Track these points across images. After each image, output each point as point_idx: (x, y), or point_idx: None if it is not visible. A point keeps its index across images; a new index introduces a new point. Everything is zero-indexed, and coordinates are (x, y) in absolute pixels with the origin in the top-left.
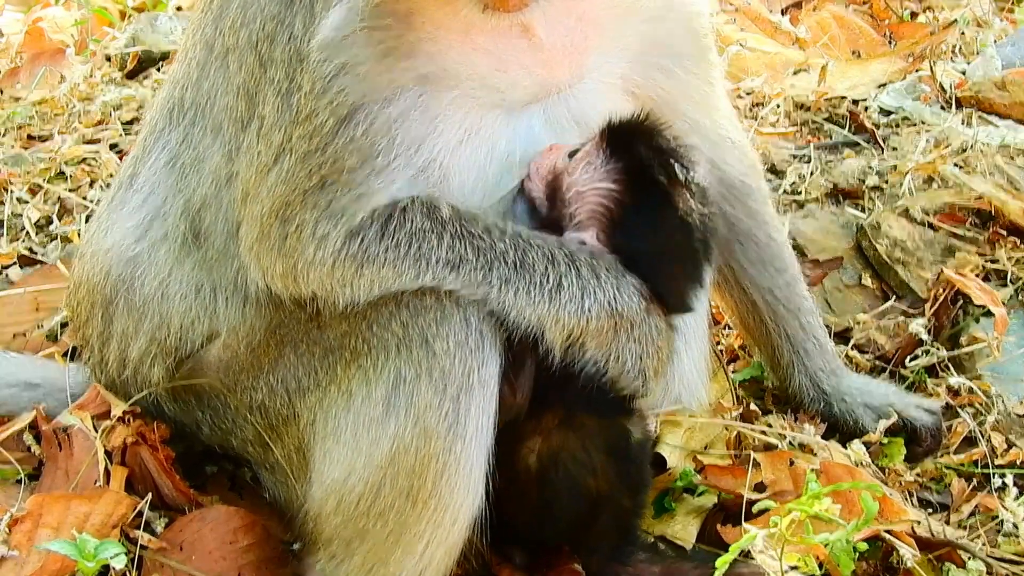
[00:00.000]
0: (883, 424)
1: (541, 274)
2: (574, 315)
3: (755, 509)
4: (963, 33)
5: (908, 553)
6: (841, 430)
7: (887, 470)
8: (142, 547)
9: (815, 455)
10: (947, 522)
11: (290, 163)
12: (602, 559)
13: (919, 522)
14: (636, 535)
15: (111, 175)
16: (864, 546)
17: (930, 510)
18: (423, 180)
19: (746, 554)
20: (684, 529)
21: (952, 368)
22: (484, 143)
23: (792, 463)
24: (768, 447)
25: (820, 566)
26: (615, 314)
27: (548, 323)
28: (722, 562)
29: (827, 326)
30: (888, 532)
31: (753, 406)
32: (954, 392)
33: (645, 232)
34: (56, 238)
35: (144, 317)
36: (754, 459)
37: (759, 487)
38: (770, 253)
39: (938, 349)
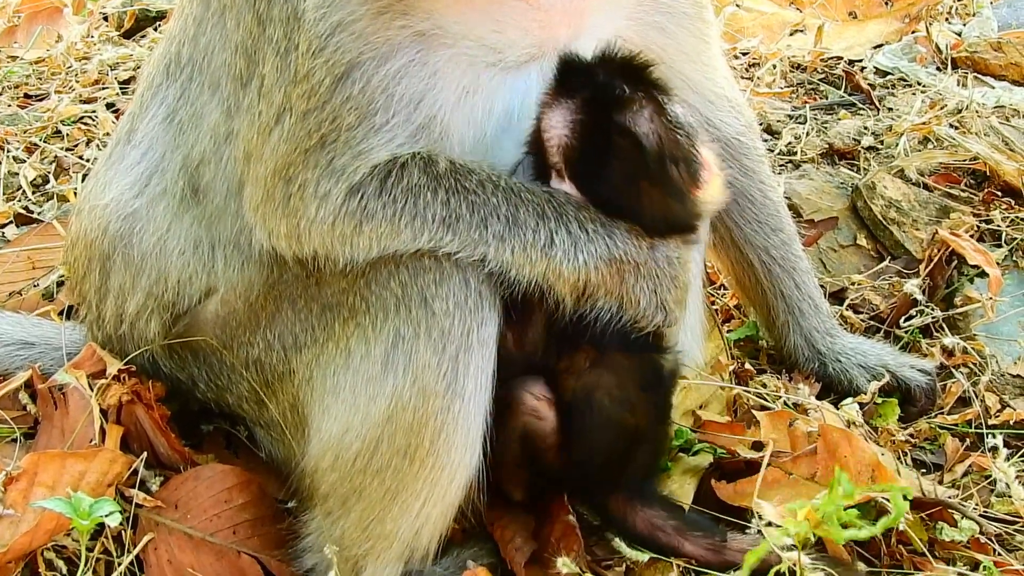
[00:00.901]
0: (875, 385)
1: (533, 231)
2: (572, 270)
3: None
4: None
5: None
6: (835, 390)
7: (880, 430)
8: (137, 505)
9: (808, 415)
10: (940, 482)
11: (291, 123)
12: (625, 499)
13: (910, 494)
14: (658, 473)
15: (108, 134)
16: (855, 514)
17: (923, 470)
18: (424, 137)
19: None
20: (681, 488)
21: (946, 328)
22: (482, 101)
23: (792, 424)
24: (764, 408)
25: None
26: (614, 261)
27: (551, 278)
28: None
29: (822, 286)
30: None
31: (748, 366)
32: (948, 352)
33: (603, 166)
34: (52, 197)
35: (142, 272)
36: (754, 416)
37: (756, 445)
38: (766, 212)
39: (932, 309)
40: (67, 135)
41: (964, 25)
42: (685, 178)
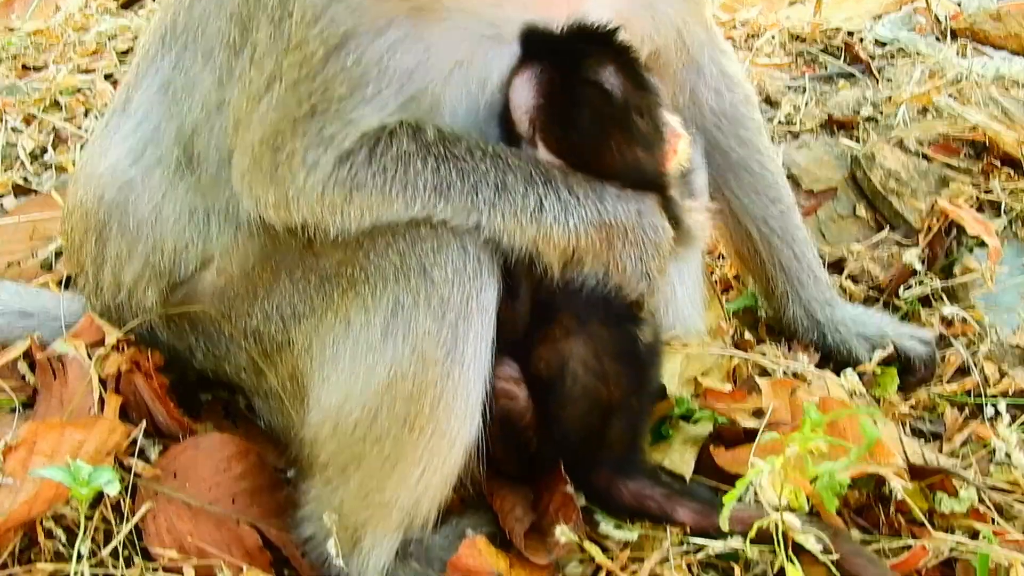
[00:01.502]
0: (878, 354)
1: (522, 196)
2: (562, 235)
3: (760, 439)
4: None
5: (899, 484)
6: (835, 360)
7: (880, 400)
8: (136, 474)
9: (808, 384)
10: (940, 451)
11: (281, 91)
12: (609, 473)
13: (907, 467)
14: (642, 446)
15: (106, 105)
16: (847, 481)
17: (923, 439)
18: (414, 108)
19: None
20: (681, 458)
21: (945, 298)
22: (476, 74)
23: (794, 392)
24: (764, 373)
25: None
26: (604, 225)
27: (540, 244)
28: (729, 498)
29: (821, 256)
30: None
31: (748, 336)
32: (947, 322)
33: (572, 123)
34: (51, 167)
35: (138, 241)
36: (755, 384)
37: (757, 413)
38: (764, 183)
39: (931, 279)
40: (65, 106)
41: None
42: (650, 131)
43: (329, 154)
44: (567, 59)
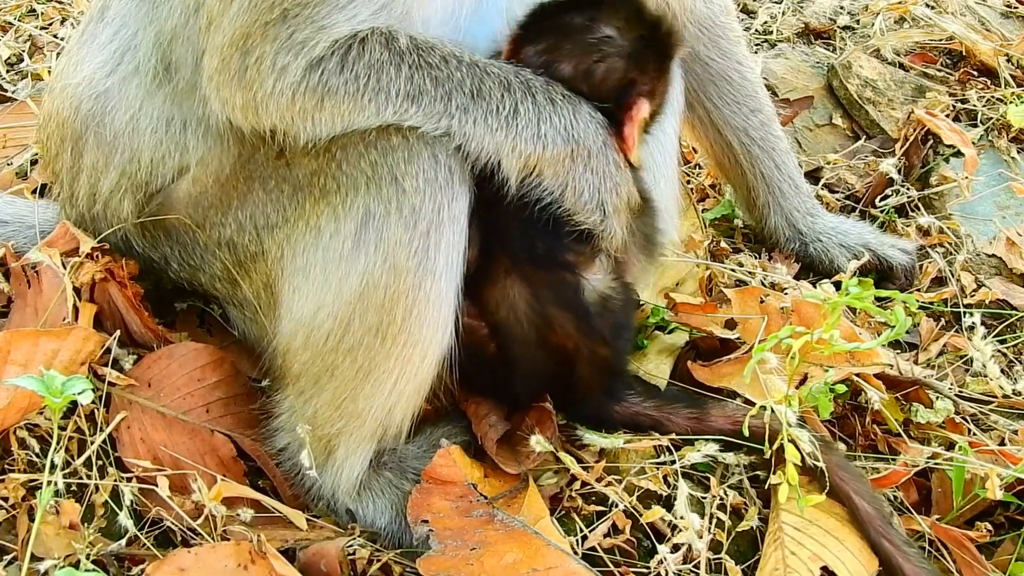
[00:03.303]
0: (855, 264)
1: (498, 101)
2: (530, 141)
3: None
4: None
5: (876, 395)
6: (816, 270)
7: (857, 310)
8: (110, 384)
9: (786, 294)
10: (915, 362)
11: None
12: (595, 405)
13: (891, 366)
14: (623, 378)
15: (82, 12)
16: (842, 388)
17: (898, 350)
18: (386, 16)
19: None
20: (657, 367)
21: (922, 208)
22: None
23: (763, 300)
24: (740, 283)
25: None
26: (571, 140)
27: (505, 151)
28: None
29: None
30: (858, 375)
31: (723, 244)
32: (924, 232)
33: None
34: (26, 76)
35: (114, 151)
36: (725, 295)
37: (729, 324)
38: (744, 93)
39: (908, 189)
40: (42, 14)
41: None
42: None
43: (300, 60)
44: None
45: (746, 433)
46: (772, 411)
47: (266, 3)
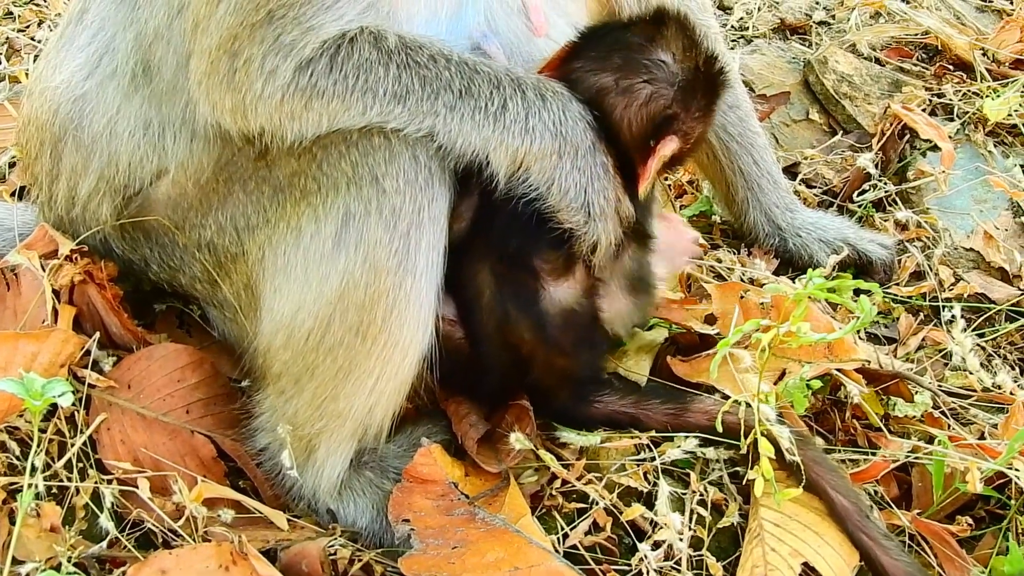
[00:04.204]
0: (834, 258)
1: (487, 98)
2: (518, 135)
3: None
4: None
5: (855, 389)
6: (796, 266)
7: (837, 306)
8: (90, 386)
9: (762, 287)
10: (895, 356)
11: None
12: (564, 406)
13: (869, 361)
14: (591, 382)
15: (59, 15)
16: (818, 384)
17: (877, 344)
18: (372, 15)
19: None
20: (637, 364)
21: (899, 202)
22: None
23: (743, 296)
24: (719, 278)
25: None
26: (559, 136)
27: (493, 145)
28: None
29: None
30: (838, 370)
31: (702, 240)
32: (902, 226)
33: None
34: (4, 78)
35: (93, 155)
36: (705, 291)
37: (709, 319)
38: None
39: (885, 183)
40: (19, 16)
41: None
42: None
43: (289, 61)
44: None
45: (720, 429)
46: (747, 406)
47: (251, 5)
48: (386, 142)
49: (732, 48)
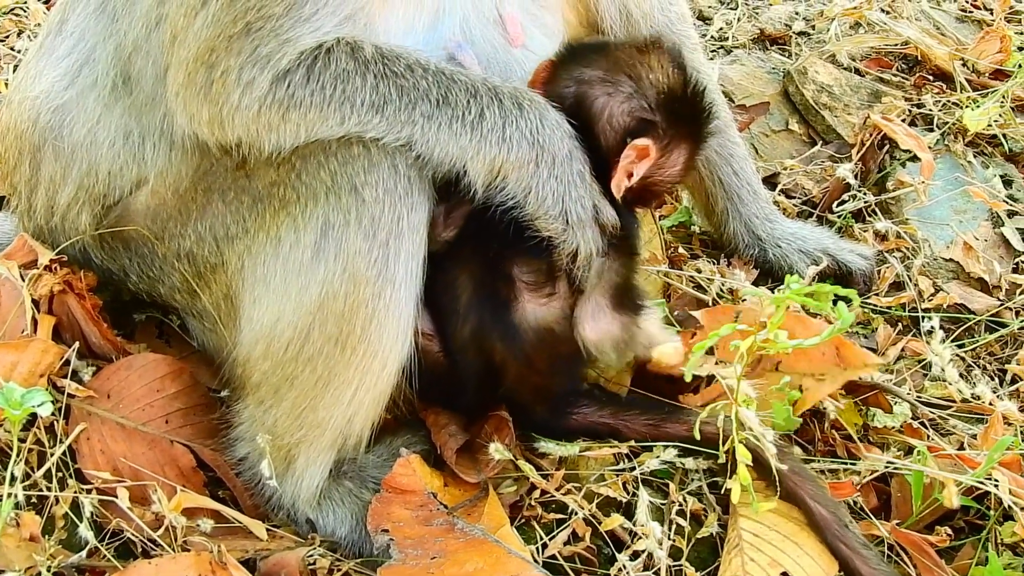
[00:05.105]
0: (814, 269)
1: (464, 107)
2: (495, 144)
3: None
4: None
5: (831, 405)
6: (775, 276)
7: (818, 315)
8: (69, 396)
9: (744, 301)
10: None
11: (216, 7)
12: (541, 418)
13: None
14: (566, 400)
15: (39, 25)
16: (798, 394)
17: None
18: (349, 26)
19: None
20: (619, 375)
21: (879, 213)
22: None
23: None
24: (699, 288)
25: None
26: (536, 144)
27: (470, 154)
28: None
29: None
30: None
31: (681, 250)
32: (881, 237)
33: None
34: None
35: (72, 164)
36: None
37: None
38: None
39: (865, 194)
40: None
41: None
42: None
43: (266, 73)
44: None
45: (697, 436)
46: (726, 417)
47: (229, 17)
48: (365, 151)
49: (712, 59)
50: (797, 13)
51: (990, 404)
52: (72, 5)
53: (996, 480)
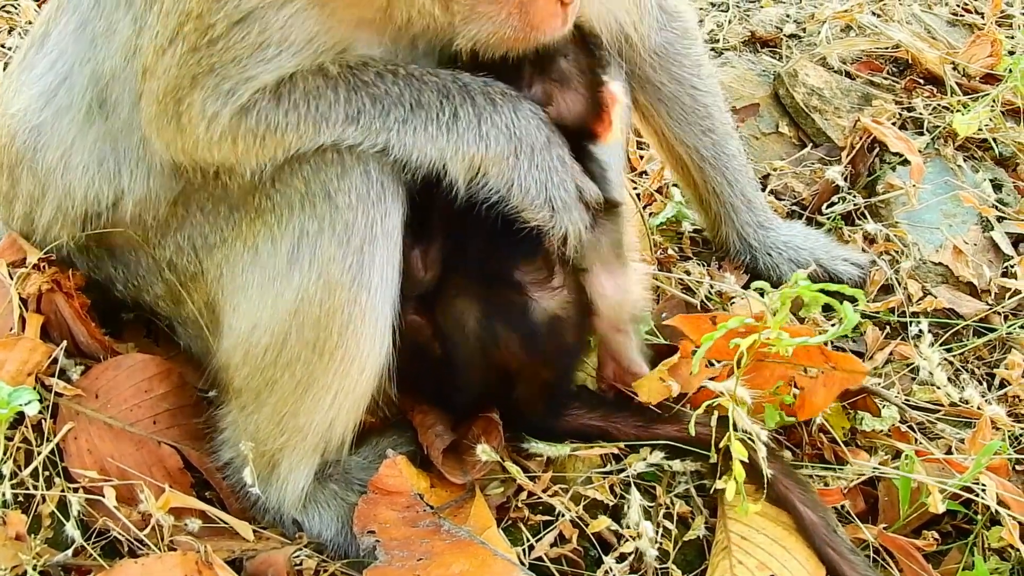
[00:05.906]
0: (800, 273)
1: (437, 108)
2: (472, 142)
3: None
4: None
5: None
6: (767, 282)
7: (805, 320)
8: (57, 394)
9: (732, 304)
10: None
11: (182, 50)
12: (536, 420)
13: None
14: (565, 395)
15: (30, 22)
16: (790, 398)
17: None
18: (309, 62)
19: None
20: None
21: (868, 216)
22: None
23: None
24: (688, 290)
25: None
26: (514, 138)
27: (449, 155)
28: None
29: None
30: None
31: (671, 251)
32: (871, 240)
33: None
34: None
35: (48, 187)
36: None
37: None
38: (696, 115)
39: (854, 197)
40: None
41: None
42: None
43: (228, 108)
44: None
45: (692, 433)
46: (720, 417)
47: (194, 60)
48: (338, 157)
49: None
50: (788, 16)
51: (978, 408)
52: (56, 19)
53: (983, 485)
